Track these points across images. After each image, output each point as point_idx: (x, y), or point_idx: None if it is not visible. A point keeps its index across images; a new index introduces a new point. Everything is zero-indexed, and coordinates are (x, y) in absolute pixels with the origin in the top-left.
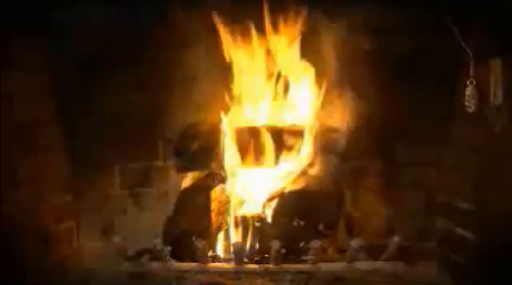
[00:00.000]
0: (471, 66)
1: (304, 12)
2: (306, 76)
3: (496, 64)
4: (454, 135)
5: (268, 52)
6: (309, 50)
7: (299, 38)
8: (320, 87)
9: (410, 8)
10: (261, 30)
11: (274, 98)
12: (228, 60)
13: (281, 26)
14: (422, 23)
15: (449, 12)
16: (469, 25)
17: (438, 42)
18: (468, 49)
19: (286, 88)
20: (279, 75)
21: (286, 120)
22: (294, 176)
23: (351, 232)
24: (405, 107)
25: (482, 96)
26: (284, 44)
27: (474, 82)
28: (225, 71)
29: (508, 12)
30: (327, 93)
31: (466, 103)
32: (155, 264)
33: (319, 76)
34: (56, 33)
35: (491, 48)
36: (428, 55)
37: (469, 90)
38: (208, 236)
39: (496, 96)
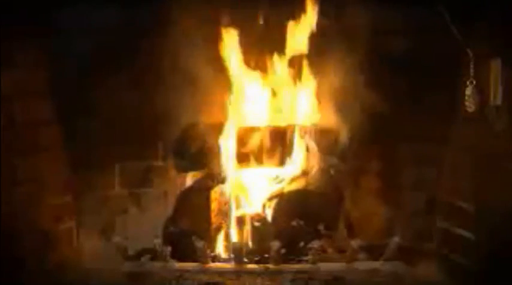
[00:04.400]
0: (471, 66)
1: (304, 11)
2: (306, 76)
3: (496, 64)
4: (454, 135)
5: (269, 52)
6: (308, 50)
7: (299, 38)
8: (320, 87)
9: (410, 8)
10: (261, 30)
11: (274, 98)
12: (228, 60)
13: (281, 26)
14: (422, 23)
15: (449, 12)
16: (469, 25)
17: (438, 42)
18: (468, 50)
19: (287, 88)
20: (279, 75)
21: (286, 120)
22: (293, 176)
23: (350, 232)
24: (405, 107)
25: (482, 96)
26: (284, 44)
27: (474, 82)
28: (225, 71)
29: (508, 12)
30: (327, 93)
31: (466, 103)
32: (155, 264)
33: (320, 76)
34: (56, 33)
35: (491, 48)
36: (429, 55)
37: (469, 90)
38: (208, 236)
39: (496, 96)
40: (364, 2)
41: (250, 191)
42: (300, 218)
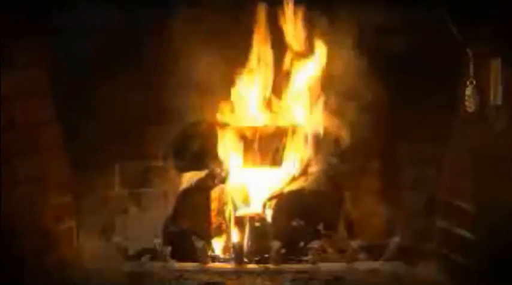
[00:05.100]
0: (471, 66)
1: (303, 12)
2: (306, 76)
3: (496, 64)
4: (454, 135)
5: (269, 52)
6: (308, 50)
7: (299, 38)
8: (320, 86)
9: (410, 8)
10: (261, 30)
11: (275, 98)
12: (228, 60)
13: (281, 26)
14: (422, 23)
15: (449, 12)
16: (469, 25)
17: (438, 42)
18: (468, 49)
19: (287, 88)
20: (279, 75)
21: (287, 120)
22: (294, 176)
23: (350, 232)
24: (405, 107)
25: (482, 96)
26: (284, 44)
27: (474, 82)
28: (225, 71)
29: (508, 12)
30: (327, 92)
31: (466, 103)
32: (155, 264)
33: (319, 76)
34: (56, 33)
35: (491, 48)
36: (429, 55)
37: (469, 90)
38: (208, 236)
39: (496, 96)
40: (363, 2)
41: (250, 191)
42: (300, 218)
